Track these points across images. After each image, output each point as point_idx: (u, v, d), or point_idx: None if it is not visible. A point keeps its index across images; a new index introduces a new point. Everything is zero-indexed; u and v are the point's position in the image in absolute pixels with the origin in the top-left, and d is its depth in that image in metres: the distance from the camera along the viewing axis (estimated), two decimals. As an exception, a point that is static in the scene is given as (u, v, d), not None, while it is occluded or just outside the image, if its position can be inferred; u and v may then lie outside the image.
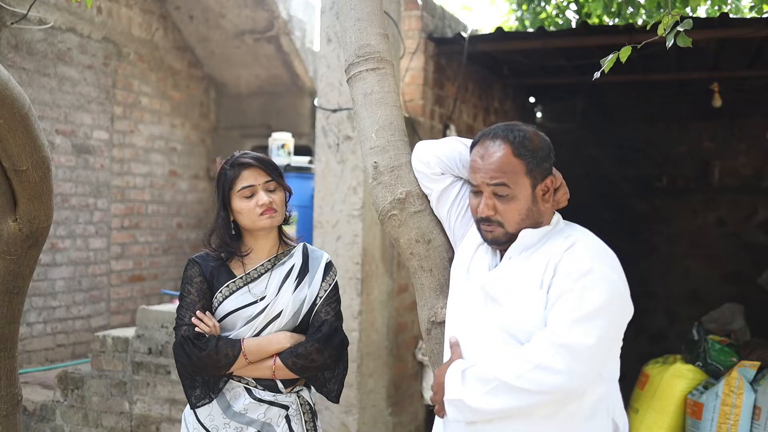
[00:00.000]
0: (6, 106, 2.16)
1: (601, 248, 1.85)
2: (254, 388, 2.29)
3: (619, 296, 1.77)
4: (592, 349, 1.69)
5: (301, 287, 2.36)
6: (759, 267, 6.78)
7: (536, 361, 1.68)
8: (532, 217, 1.87)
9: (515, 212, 1.86)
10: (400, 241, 2.20)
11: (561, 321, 1.71)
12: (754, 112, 7.00)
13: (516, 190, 1.85)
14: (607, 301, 1.72)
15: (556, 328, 1.71)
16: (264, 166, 2.32)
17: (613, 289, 1.76)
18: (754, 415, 3.89)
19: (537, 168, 1.86)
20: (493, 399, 1.72)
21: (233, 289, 2.33)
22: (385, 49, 2.29)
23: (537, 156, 1.86)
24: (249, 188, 2.28)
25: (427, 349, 2.22)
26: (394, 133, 2.23)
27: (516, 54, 5.16)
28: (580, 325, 1.69)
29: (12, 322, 2.43)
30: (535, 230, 1.87)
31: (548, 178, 1.88)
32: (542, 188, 1.88)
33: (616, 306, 1.76)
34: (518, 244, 1.87)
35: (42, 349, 5.58)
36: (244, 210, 2.29)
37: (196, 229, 6.96)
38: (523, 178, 1.85)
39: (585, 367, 1.69)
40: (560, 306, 1.73)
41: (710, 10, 6.37)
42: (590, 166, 7.72)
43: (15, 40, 5.24)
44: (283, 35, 6.57)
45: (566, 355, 1.67)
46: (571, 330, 1.68)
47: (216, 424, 2.28)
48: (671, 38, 2.40)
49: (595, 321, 1.70)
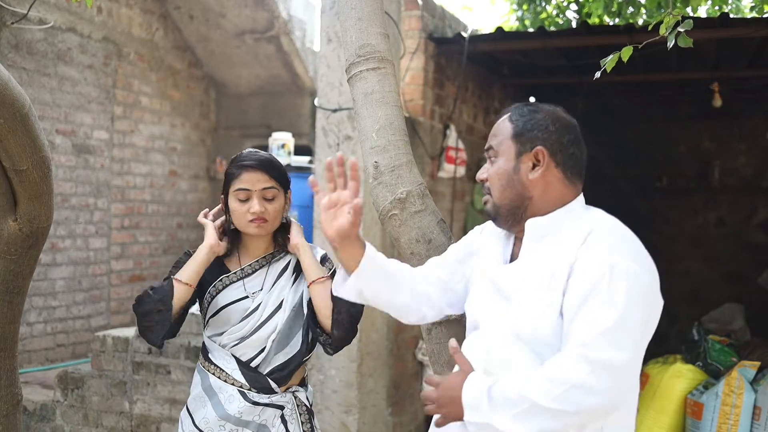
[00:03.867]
0: (6, 106, 2.16)
1: (622, 236, 1.69)
2: (248, 391, 2.28)
3: (649, 292, 1.64)
4: (629, 363, 1.58)
5: (298, 282, 2.36)
6: (759, 267, 6.79)
7: (572, 381, 1.54)
8: (515, 187, 1.76)
9: (495, 176, 1.79)
10: (401, 240, 2.19)
11: (590, 332, 1.57)
12: (754, 112, 7.00)
13: (499, 152, 1.79)
14: (637, 302, 1.59)
15: (585, 340, 1.57)
16: (267, 170, 2.27)
17: (641, 285, 1.61)
18: (754, 415, 3.89)
19: (526, 134, 1.76)
20: (524, 422, 1.58)
21: (227, 283, 2.32)
22: (385, 49, 2.29)
23: (529, 122, 1.77)
24: (244, 192, 2.26)
25: (427, 349, 2.21)
26: (394, 132, 2.23)
27: (516, 54, 5.16)
28: (611, 336, 1.56)
29: (12, 322, 2.42)
30: (542, 218, 1.75)
31: (537, 148, 1.75)
32: (529, 158, 1.76)
33: (646, 305, 1.63)
34: (528, 235, 1.76)
35: (42, 349, 5.58)
36: (236, 211, 2.28)
37: (196, 229, 6.96)
38: (508, 141, 1.78)
39: (624, 382, 1.59)
40: (586, 314, 1.59)
41: (710, 10, 6.37)
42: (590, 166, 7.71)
43: (15, 40, 5.24)
44: (284, 35, 6.57)
45: (603, 372, 1.54)
46: (602, 342, 1.55)
47: (211, 426, 2.27)
48: (672, 38, 2.40)
49: (626, 329, 1.57)
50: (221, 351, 2.31)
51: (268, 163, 2.29)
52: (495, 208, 1.82)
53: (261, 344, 2.28)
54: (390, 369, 4.38)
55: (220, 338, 2.32)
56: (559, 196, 1.78)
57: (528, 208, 1.77)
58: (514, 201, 1.78)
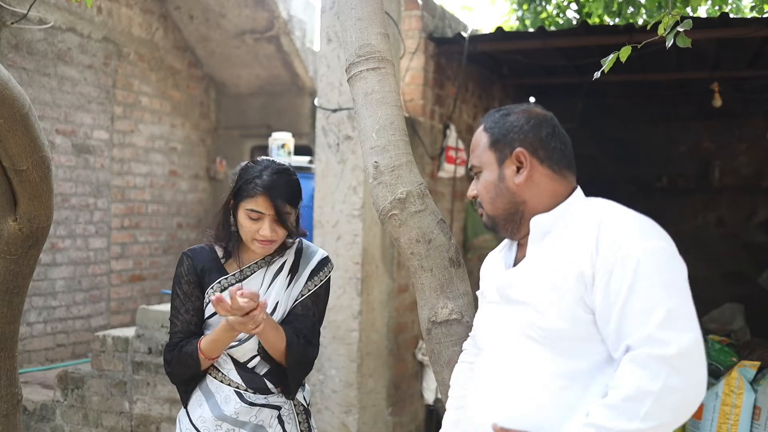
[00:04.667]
0: (6, 105, 2.16)
1: (634, 218, 1.61)
2: (245, 391, 2.27)
3: (679, 262, 1.56)
4: (699, 340, 1.47)
5: (292, 285, 2.33)
6: (759, 267, 6.79)
7: (655, 389, 1.42)
8: (504, 196, 1.72)
9: (483, 190, 1.76)
10: (401, 240, 2.19)
11: (648, 327, 1.46)
12: (754, 112, 7.01)
13: (482, 165, 1.76)
14: (676, 276, 1.52)
15: (648, 335, 1.45)
16: (282, 197, 2.19)
17: (672, 259, 1.55)
18: (754, 415, 3.89)
19: (502, 139, 1.72)
20: None
21: (225, 286, 2.30)
22: (385, 49, 2.29)
23: (504, 127, 1.73)
24: (256, 213, 2.19)
25: (427, 349, 2.21)
26: (394, 132, 2.23)
27: (516, 54, 5.16)
28: (671, 322, 1.45)
29: (12, 322, 2.42)
30: (546, 214, 1.69)
31: (517, 151, 1.70)
32: (512, 162, 1.71)
33: (683, 276, 1.54)
34: (533, 234, 1.70)
35: (42, 349, 5.58)
36: (244, 226, 2.22)
37: (196, 229, 6.96)
38: (487, 152, 1.75)
39: (701, 362, 1.48)
40: (633, 309, 1.48)
41: (710, 10, 6.38)
42: (590, 166, 7.72)
43: (15, 40, 5.24)
44: (283, 35, 6.57)
45: (679, 362, 1.44)
46: (667, 333, 1.44)
47: (208, 426, 2.27)
48: (671, 38, 2.40)
49: (681, 308, 1.47)
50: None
51: (287, 190, 2.21)
52: (490, 220, 1.79)
53: (257, 345, 2.28)
54: (390, 369, 4.38)
55: None
56: (552, 192, 1.72)
57: (525, 213, 1.73)
58: (508, 209, 1.74)
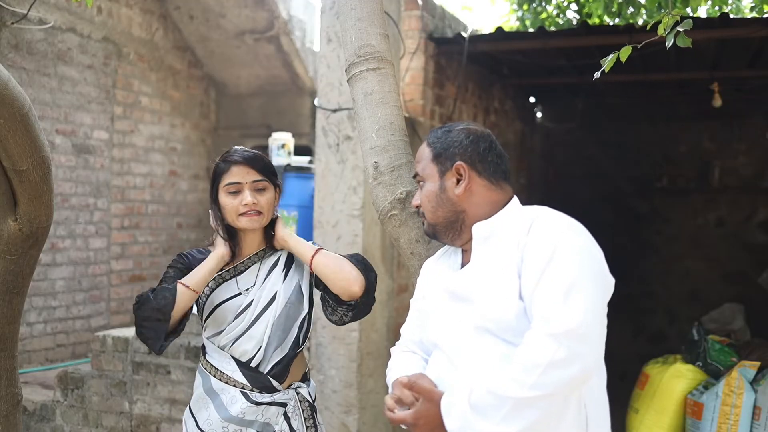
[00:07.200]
0: (6, 106, 2.16)
1: (566, 220, 1.76)
2: (250, 391, 2.28)
3: (599, 263, 1.70)
4: (590, 324, 1.60)
5: (291, 275, 2.36)
6: (759, 267, 6.79)
7: (543, 362, 1.57)
8: (445, 205, 1.87)
9: (425, 199, 1.90)
10: (401, 240, 2.20)
11: (547, 307, 1.62)
12: (754, 112, 7.01)
13: (425, 176, 1.91)
14: (588, 269, 1.66)
15: (545, 315, 1.61)
16: (255, 164, 2.28)
17: (591, 255, 1.69)
18: (754, 415, 3.89)
19: (444, 153, 1.87)
20: (514, 421, 1.59)
21: (219, 282, 2.33)
22: (385, 49, 2.29)
23: (445, 142, 1.88)
24: (235, 185, 2.26)
25: (427, 349, 2.22)
26: (394, 132, 2.23)
27: (516, 54, 5.16)
28: (566, 304, 1.60)
29: (12, 322, 2.43)
30: (487, 221, 1.83)
31: (457, 164, 1.85)
32: (452, 174, 1.86)
33: (599, 274, 1.69)
34: (476, 238, 1.84)
35: (42, 349, 5.58)
36: (227, 206, 2.28)
37: (196, 229, 6.96)
38: (430, 165, 1.89)
39: (591, 345, 1.60)
40: (541, 291, 1.64)
41: (710, 10, 6.37)
42: (590, 166, 7.73)
43: (15, 40, 5.24)
44: (283, 35, 6.57)
45: (567, 341, 1.57)
46: (560, 313, 1.59)
47: (214, 428, 2.27)
48: (671, 38, 2.40)
49: (580, 293, 1.61)
50: (220, 353, 2.31)
51: (255, 157, 2.31)
52: (431, 228, 1.93)
53: (258, 340, 2.28)
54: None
55: (218, 339, 2.32)
56: (490, 201, 1.87)
57: (465, 220, 1.87)
58: (449, 217, 1.88)
